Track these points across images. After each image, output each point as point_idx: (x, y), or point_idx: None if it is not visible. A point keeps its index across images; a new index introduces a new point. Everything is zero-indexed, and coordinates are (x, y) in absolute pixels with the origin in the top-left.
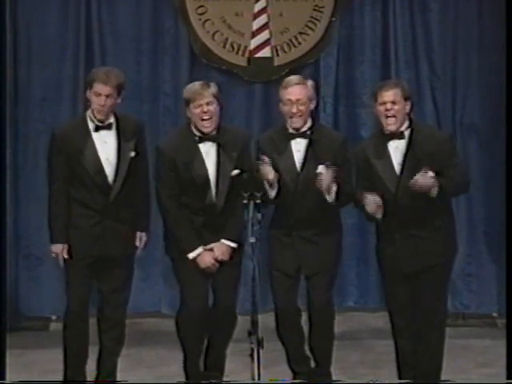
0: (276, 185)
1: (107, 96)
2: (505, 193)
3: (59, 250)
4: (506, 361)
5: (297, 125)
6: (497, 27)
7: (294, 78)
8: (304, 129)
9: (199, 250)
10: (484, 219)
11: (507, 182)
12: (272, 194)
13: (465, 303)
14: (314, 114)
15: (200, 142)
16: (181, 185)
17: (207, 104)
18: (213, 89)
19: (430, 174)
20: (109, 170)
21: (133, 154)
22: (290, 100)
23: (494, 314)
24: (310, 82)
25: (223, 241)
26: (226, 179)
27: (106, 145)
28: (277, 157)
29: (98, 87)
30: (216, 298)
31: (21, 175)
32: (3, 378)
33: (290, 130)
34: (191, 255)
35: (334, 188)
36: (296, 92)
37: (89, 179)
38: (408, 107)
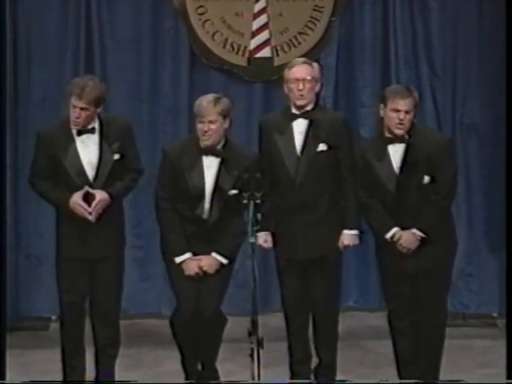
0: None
1: (82, 109)
2: (505, 193)
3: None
4: (506, 361)
5: (301, 102)
6: (497, 27)
7: (300, 59)
8: (307, 109)
9: (186, 255)
10: (484, 219)
11: (507, 182)
12: None
13: (465, 303)
14: (318, 97)
15: (203, 155)
16: (177, 191)
17: (210, 122)
18: (220, 107)
19: (418, 233)
20: (91, 172)
21: (116, 156)
22: (296, 78)
23: (494, 314)
24: (315, 64)
25: (214, 254)
26: (222, 195)
27: (88, 148)
28: (278, 136)
29: (73, 100)
30: (197, 302)
31: (21, 175)
32: (3, 378)
33: (293, 111)
34: (178, 259)
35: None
36: (302, 70)
37: (71, 182)
38: (415, 114)
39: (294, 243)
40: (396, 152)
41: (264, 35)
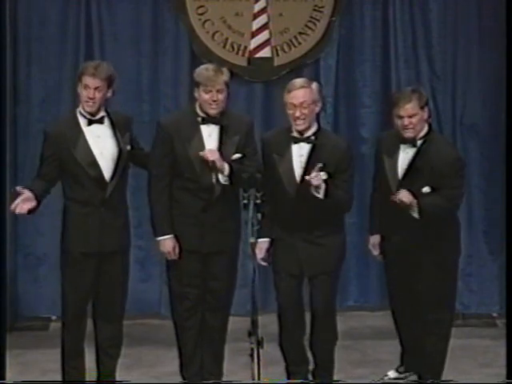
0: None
1: (96, 88)
2: (505, 193)
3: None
4: (505, 361)
5: (300, 127)
6: (497, 27)
7: (297, 81)
8: (308, 133)
9: (167, 236)
10: (484, 219)
11: (507, 182)
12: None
13: (465, 303)
14: (319, 118)
15: (203, 124)
16: (179, 164)
17: (218, 91)
18: (225, 76)
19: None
20: (103, 163)
21: (129, 147)
22: (293, 104)
23: (494, 314)
24: (314, 85)
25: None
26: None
27: (99, 139)
28: (278, 158)
29: (87, 80)
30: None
31: (20, 174)
32: (3, 378)
33: (294, 134)
34: (159, 239)
35: (323, 186)
36: (299, 95)
37: (83, 174)
38: (426, 114)
39: (291, 258)
40: (407, 154)
41: (264, 35)
